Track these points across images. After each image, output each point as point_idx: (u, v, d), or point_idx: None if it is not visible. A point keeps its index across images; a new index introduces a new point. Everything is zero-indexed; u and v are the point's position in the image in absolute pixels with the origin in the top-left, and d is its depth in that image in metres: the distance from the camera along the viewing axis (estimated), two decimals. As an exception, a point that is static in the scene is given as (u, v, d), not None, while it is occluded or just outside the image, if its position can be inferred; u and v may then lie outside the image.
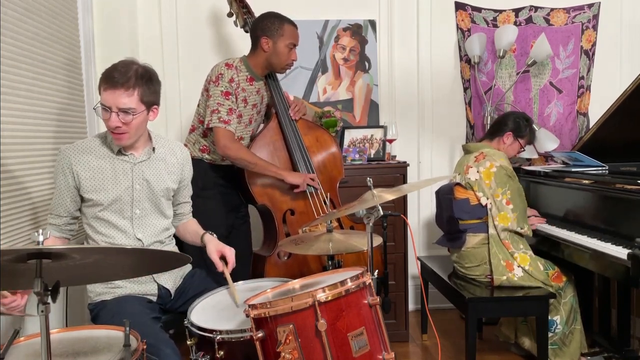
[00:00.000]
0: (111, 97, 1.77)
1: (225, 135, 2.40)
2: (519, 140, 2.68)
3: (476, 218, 2.54)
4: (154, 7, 3.23)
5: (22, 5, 2.12)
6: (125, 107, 1.78)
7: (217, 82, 2.40)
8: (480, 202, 2.52)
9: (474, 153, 2.64)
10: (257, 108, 2.58)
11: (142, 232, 1.93)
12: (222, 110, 2.39)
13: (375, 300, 1.47)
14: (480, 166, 2.55)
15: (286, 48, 2.46)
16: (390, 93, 3.46)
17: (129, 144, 1.88)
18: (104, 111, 1.80)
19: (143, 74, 1.82)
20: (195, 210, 2.26)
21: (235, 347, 1.53)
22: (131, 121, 1.80)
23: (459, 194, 2.59)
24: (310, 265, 2.49)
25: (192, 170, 2.14)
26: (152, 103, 1.87)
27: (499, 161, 2.52)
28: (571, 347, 2.49)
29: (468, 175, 2.57)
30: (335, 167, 2.66)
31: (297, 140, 2.57)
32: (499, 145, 2.67)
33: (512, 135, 2.66)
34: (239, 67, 2.46)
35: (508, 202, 2.48)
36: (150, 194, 1.94)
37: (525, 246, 2.52)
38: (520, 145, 2.71)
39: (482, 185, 2.52)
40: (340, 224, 2.56)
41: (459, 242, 2.57)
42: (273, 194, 2.50)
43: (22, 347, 1.45)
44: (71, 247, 1.12)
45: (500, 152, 2.60)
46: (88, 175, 1.86)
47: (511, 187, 2.50)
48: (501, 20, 3.43)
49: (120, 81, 1.76)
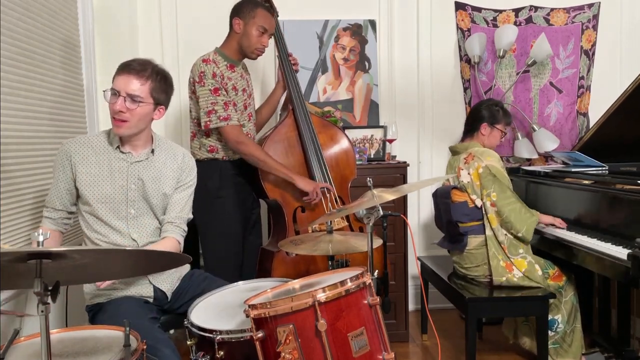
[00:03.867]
0: (123, 81, 1.81)
1: (232, 131, 2.40)
2: (496, 126, 2.66)
3: (476, 220, 2.53)
4: (154, 7, 3.23)
5: (22, 5, 2.12)
6: (134, 93, 1.81)
7: (201, 82, 2.39)
8: (476, 203, 2.52)
9: (462, 154, 2.63)
10: (247, 92, 2.59)
11: (137, 232, 1.92)
12: (218, 109, 2.39)
13: (375, 300, 1.47)
14: (470, 168, 2.55)
15: (256, 31, 2.46)
16: (390, 93, 3.46)
17: (127, 134, 1.87)
18: (112, 95, 1.83)
19: (160, 71, 1.89)
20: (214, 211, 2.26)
21: (235, 347, 1.52)
22: (135, 109, 1.82)
23: (456, 197, 2.58)
24: (318, 263, 2.49)
25: (194, 177, 2.07)
26: (160, 101, 1.89)
27: (486, 161, 2.50)
28: (573, 345, 2.49)
29: (461, 178, 2.57)
30: (348, 166, 2.67)
31: (311, 137, 2.57)
32: (480, 139, 2.66)
33: (487, 125, 2.64)
34: (216, 59, 2.45)
35: (492, 204, 2.46)
36: (145, 195, 1.93)
37: (525, 250, 2.46)
38: (500, 132, 2.68)
39: (474, 187, 2.52)
40: (350, 225, 2.56)
41: (460, 244, 2.56)
42: (285, 190, 2.50)
43: (22, 347, 1.45)
44: (71, 248, 1.12)
45: (488, 150, 2.57)
46: (85, 169, 1.87)
47: (496, 189, 2.45)
48: (501, 20, 3.43)
49: (137, 69, 1.83)
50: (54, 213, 1.91)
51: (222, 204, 2.46)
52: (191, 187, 2.05)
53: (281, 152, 2.54)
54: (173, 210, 1.98)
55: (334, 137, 2.68)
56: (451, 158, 2.75)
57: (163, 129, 3.28)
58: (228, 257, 2.48)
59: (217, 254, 2.48)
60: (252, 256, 2.62)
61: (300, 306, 1.37)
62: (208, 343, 1.55)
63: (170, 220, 1.97)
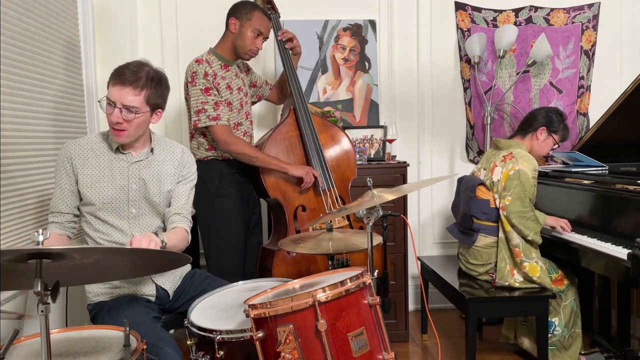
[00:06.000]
0: (118, 93, 1.79)
1: (221, 131, 2.41)
2: (553, 135, 2.59)
3: (492, 221, 2.50)
4: (154, 7, 3.23)
5: (22, 5, 2.12)
6: (130, 104, 1.79)
7: (193, 82, 2.40)
8: (496, 204, 2.47)
9: (503, 151, 2.55)
10: (243, 91, 2.59)
11: (139, 232, 1.92)
12: (208, 108, 2.39)
13: (375, 300, 1.47)
14: (505, 167, 2.47)
15: (252, 33, 2.47)
16: (390, 93, 3.46)
17: (127, 142, 1.87)
18: (108, 105, 1.81)
19: (154, 76, 1.85)
20: (215, 210, 2.26)
21: (235, 347, 1.52)
22: (133, 119, 1.81)
23: (481, 194, 2.53)
24: (319, 261, 2.49)
25: (194, 172, 2.07)
26: (157, 106, 1.88)
27: (522, 165, 2.42)
28: (570, 350, 2.49)
29: (493, 175, 2.52)
30: (349, 166, 2.68)
31: (312, 137, 2.58)
32: (532, 141, 2.59)
33: (545, 130, 2.57)
34: (209, 59, 2.46)
35: (503, 207, 2.43)
36: (147, 195, 1.93)
37: (538, 255, 2.44)
38: (554, 141, 2.61)
39: (499, 187, 2.47)
40: (350, 225, 2.56)
41: (470, 239, 2.55)
42: (286, 189, 2.51)
43: (22, 347, 1.45)
44: (71, 247, 1.12)
45: (530, 157, 2.47)
46: (86, 171, 1.87)
47: (514, 195, 2.39)
48: (501, 20, 3.43)
49: (130, 79, 1.79)
50: (60, 217, 1.89)
51: (223, 203, 2.47)
52: (192, 181, 2.06)
53: (282, 152, 2.54)
54: (178, 201, 1.98)
55: (335, 137, 2.68)
56: (490, 151, 2.68)
57: (163, 129, 3.28)
58: (229, 256, 2.48)
59: (218, 253, 2.49)
60: (253, 255, 2.62)
61: (300, 306, 1.37)
62: (208, 343, 1.55)
63: (177, 211, 1.97)
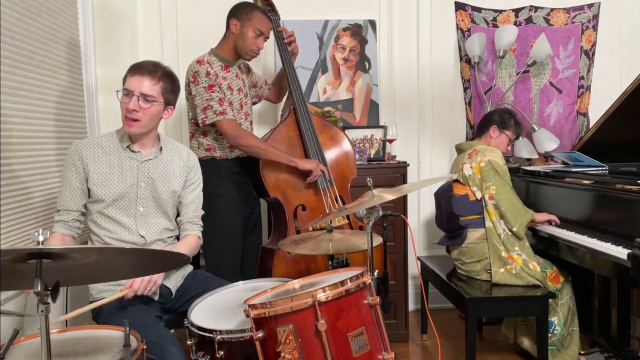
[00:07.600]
0: (137, 82, 1.87)
1: (230, 125, 2.42)
2: (505, 132, 2.73)
3: (476, 214, 2.57)
4: (154, 7, 3.23)
5: (22, 5, 2.12)
6: (148, 92, 1.87)
7: (195, 81, 2.42)
8: (476, 196, 2.56)
9: (466, 151, 2.69)
10: (243, 91, 2.60)
11: (145, 230, 1.96)
12: (214, 104, 2.40)
13: (375, 300, 1.47)
14: (473, 162, 2.60)
15: (252, 33, 2.48)
16: (390, 93, 3.46)
17: (138, 132, 1.91)
18: (124, 95, 1.89)
19: (169, 73, 1.97)
20: (213, 209, 2.27)
21: (235, 347, 1.53)
22: (148, 108, 1.88)
23: (457, 190, 2.62)
24: (318, 261, 2.49)
25: (200, 176, 2.14)
26: (170, 101, 1.97)
27: (489, 156, 2.56)
28: (570, 349, 2.49)
29: (464, 172, 2.62)
30: (348, 166, 2.68)
31: (312, 137, 2.59)
32: (487, 140, 2.74)
33: (496, 128, 2.72)
34: (210, 60, 2.47)
35: (491, 197, 2.51)
36: (155, 193, 1.97)
37: (521, 247, 2.49)
38: (507, 138, 2.75)
39: (475, 180, 2.57)
40: (350, 224, 2.56)
41: (459, 238, 2.59)
42: (286, 188, 2.51)
43: (22, 347, 1.45)
44: (71, 247, 1.12)
45: (492, 148, 2.64)
46: (97, 168, 1.90)
47: (496, 183, 2.51)
48: (501, 20, 3.43)
49: (149, 69, 1.90)
50: (67, 215, 1.90)
51: (222, 203, 2.47)
52: (200, 185, 2.14)
53: (283, 150, 2.54)
54: (189, 210, 2.08)
55: (334, 137, 2.69)
56: (457, 157, 2.78)
57: (163, 129, 3.28)
58: (229, 256, 2.49)
59: (218, 252, 2.49)
60: (252, 255, 2.62)
61: (300, 306, 1.37)
62: (208, 343, 1.55)
63: (188, 220, 2.08)
